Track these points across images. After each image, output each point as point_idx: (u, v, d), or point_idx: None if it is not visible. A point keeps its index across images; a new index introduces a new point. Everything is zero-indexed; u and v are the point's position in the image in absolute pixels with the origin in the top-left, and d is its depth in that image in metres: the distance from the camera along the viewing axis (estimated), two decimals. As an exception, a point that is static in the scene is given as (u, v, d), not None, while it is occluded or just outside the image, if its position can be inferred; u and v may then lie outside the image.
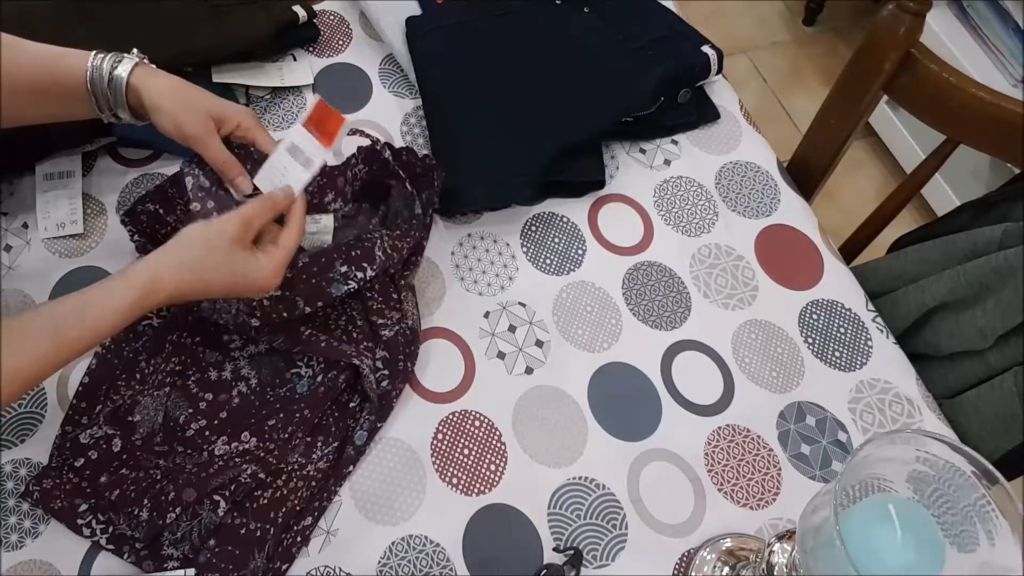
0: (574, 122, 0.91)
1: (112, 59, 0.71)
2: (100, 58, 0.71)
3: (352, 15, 1.02)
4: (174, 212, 0.78)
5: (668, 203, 0.93)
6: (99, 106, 0.73)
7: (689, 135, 0.98)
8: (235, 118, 0.75)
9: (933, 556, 0.52)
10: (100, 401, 0.74)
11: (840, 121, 1.00)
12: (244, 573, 0.68)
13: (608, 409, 0.80)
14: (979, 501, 0.52)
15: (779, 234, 0.93)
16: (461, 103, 0.90)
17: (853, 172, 1.97)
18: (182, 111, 0.72)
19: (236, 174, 0.75)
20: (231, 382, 0.77)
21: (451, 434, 0.77)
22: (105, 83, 0.71)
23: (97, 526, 0.69)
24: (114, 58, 0.72)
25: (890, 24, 0.89)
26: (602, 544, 0.73)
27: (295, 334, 0.76)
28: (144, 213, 0.77)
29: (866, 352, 0.86)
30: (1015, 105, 0.85)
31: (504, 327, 0.83)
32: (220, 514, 0.69)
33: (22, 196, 0.84)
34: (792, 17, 2.26)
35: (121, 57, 0.72)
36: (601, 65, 0.95)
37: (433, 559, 0.71)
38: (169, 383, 0.75)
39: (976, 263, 0.88)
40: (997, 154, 0.93)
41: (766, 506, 0.77)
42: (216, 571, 0.68)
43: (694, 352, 0.84)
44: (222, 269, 0.67)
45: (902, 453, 0.55)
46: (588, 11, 0.99)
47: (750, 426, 0.80)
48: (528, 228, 0.89)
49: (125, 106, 0.73)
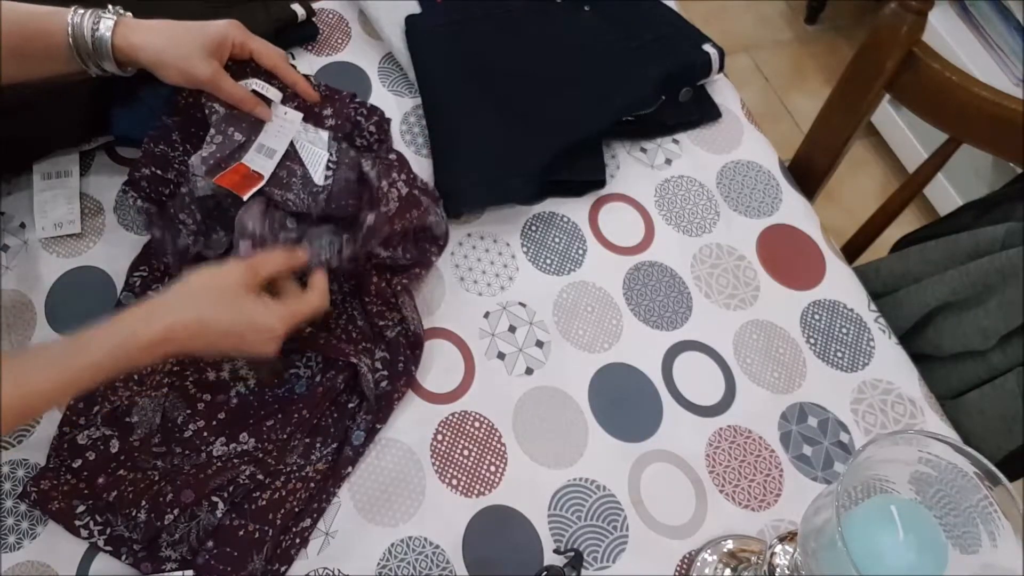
0: (574, 121, 0.90)
1: (92, 17, 0.71)
2: (80, 15, 0.71)
3: (351, 13, 1.02)
4: (171, 167, 0.78)
5: (669, 202, 0.92)
6: (84, 62, 0.73)
7: (690, 134, 0.98)
8: (227, 38, 0.75)
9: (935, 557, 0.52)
10: (98, 402, 0.74)
11: (842, 120, 0.99)
12: (242, 575, 0.67)
13: (609, 410, 0.79)
14: (981, 502, 0.52)
15: (781, 234, 0.92)
16: (461, 102, 0.90)
17: (855, 171, 1.97)
18: (184, 61, 0.73)
19: (253, 106, 0.76)
20: (229, 383, 0.76)
21: (451, 435, 0.77)
22: (89, 44, 0.71)
23: (95, 527, 0.69)
24: (93, 16, 0.71)
25: (892, 23, 0.89)
26: (603, 546, 0.73)
27: (294, 330, 0.75)
28: (143, 179, 0.77)
29: (868, 352, 0.85)
30: (1017, 104, 0.85)
31: (504, 327, 0.83)
32: (218, 515, 0.69)
33: (20, 196, 0.84)
34: (794, 15, 2.26)
35: (99, 15, 0.72)
36: (602, 64, 0.95)
37: (433, 561, 0.71)
38: (167, 384, 0.75)
39: (978, 263, 0.88)
40: (999, 153, 0.93)
41: (768, 507, 0.77)
42: (214, 573, 0.67)
43: (695, 352, 0.84)
44: (230, 312, 0.65)
45: (904, 454, 0.54)
46: (588, 10, 0.99)
47: (752, 427, 0.80)
48: (528, 228, 0.89)
49: (112, 60, 0.73)
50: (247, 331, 0.66)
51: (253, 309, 0.67)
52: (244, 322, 0.66)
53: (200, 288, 0.66)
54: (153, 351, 0.63)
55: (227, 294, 0.66)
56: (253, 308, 0.67)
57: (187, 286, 0.66)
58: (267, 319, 0.67)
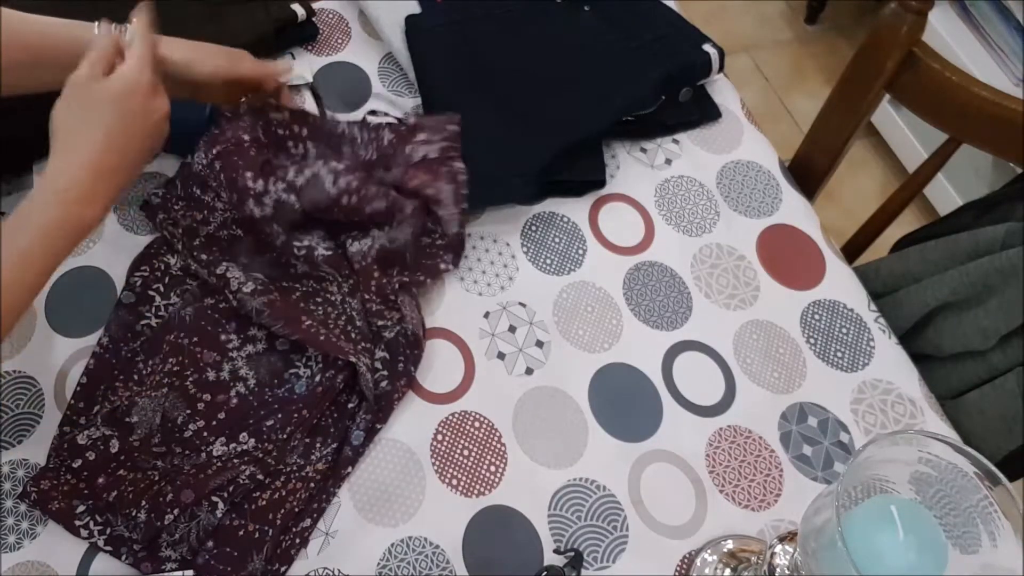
0: (574, 121, 0.90)
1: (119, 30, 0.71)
2: (108, 28, 0.70)
3: (351, 13, 1.02)
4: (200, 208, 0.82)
5: (669, 202, 0.92)
6: None
7: (690, 134, 0.98)
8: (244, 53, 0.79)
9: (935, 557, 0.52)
10: (98, 402, 0.74)
11: (842, 120, 0.99)
12: (243, 575, 0.67)
13: (609, 410, 0.79)
14: (981, 502, 0.52)
15: (781, 234, 0.92)
16: (461, 102, 0.90)
17: (855, 171, 1.97)
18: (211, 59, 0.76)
19: (269, 67, 0.80)
20: (229, 383, 0.76)
21: (451, 435, 0.77)
22: None
23: (95, 527, 0.69)
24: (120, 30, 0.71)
25: (892, 23, 0.89)
26: (603, 546, 0.73)
27: (295, 322, 0.76)
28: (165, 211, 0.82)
29: (868, 352, 0.85)
30: (1017, 104, 0.85)
31: (504, 327, 0.83)
32: (218, 515, 0.69)
33: (20, 196, 0.84)
34: (794, 15, 2.26)
35: (124, 27, 0.72)
36: (601, 64, 0.95)
37: (433, 561, 0.71)
38: (167, 384, 0.75)
39: (978, 263, 0.88)
40: (999, 153, 0.93)
41: (768, 507, 0.77)
42: (215, 573, 0.67)
43: (695, 352, 0.84)
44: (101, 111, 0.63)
45: (904, 454, 0.54)
46: (588, 10, 0.99)
47: (752, 427, 0.80)
48: (528, 228, 0.89)
49: None
50: (115, 101, 0.64)
51: (109, 80, 0.64)
52: (111, 93, 0.64)
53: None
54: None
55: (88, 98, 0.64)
56: (109, 80, 0.64)
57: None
58: (125, 73, 0.64)
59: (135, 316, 0.78)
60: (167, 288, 0.80)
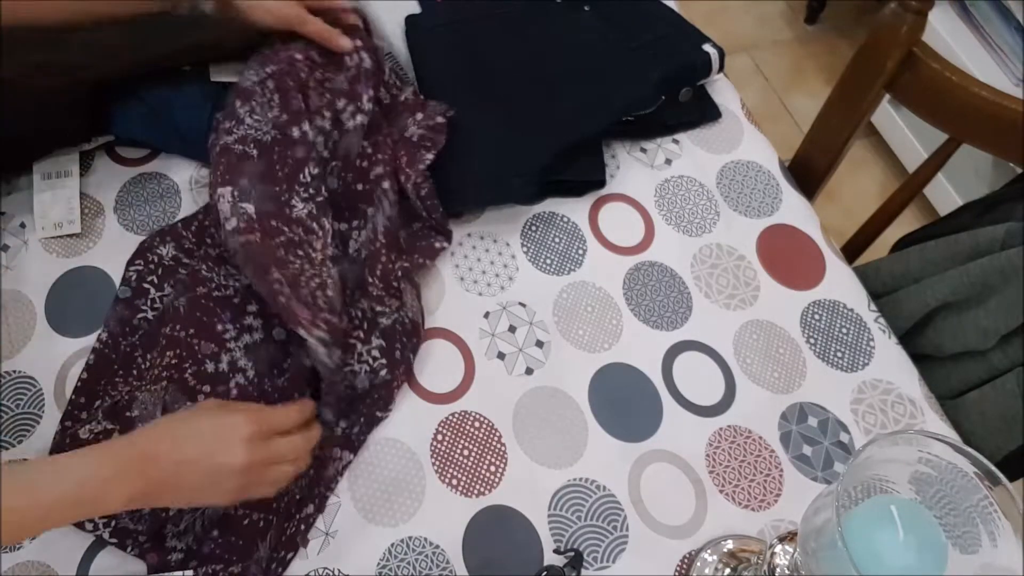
0: (574, 121, 0.90)
1: None
2: None
3: (352, 14, 1.02)
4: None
5: (669, 202, 0.92)
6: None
7: (690, 134, 0.98)
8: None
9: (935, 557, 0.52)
10: (99, 396, 0.74)
11: (842, 120, 0.99)
12: (248, 563, 0.68)
13: (609, 410, 0.79)
14: (981, 502, 0.52)
15: (781, 234, 0.92)
16: (461, 102, 0.90)
17: (855, 171, 1.97)
18: (274, 23, 0.81)
19: (335, 36, 0.83)
20: (228, 374, 0.76)
21: (451, 435, 0.77)
22: None
23: (100, 520, 0.69)
24: None
25: (892, 23, 0.89)
26: (603, 546, 0.73)
27: (263, 270, 0.73)
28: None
29: (868, 352, 0.85)
30: (1017, 104, 0.85)
31: (504, 327, 0.83)
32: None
33: (20, 196, 0.84)
34: (794, 16, 2.26)
35: None
36: (602, 64, 0.95)
37: (433, 561, 0.71)
38: (166, 377, 0.75)
39: (978, 263, 0.88)
40: (999, 153, 0.93)
41: (768, 507, 0.77)
42: (220, 562, 0.68)
43: (695, 352, 0.84)
44: (195, 417, 0.64)
45: (904, 454, 0.54)
46: (588, 10, 0.99)
47: (751, 427, 0.80)
48: (528, 228, 0.89)
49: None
50: (208, 430, 0.63)
51: (219, 412, 0.65)
52: (208, 422, 0.63)
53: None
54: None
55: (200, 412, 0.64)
56: (219, 411, 0.65)
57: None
58: (231, 415, 0.64)
59: (132, 310, 0.78)
60: (160, 280, 0.80)
